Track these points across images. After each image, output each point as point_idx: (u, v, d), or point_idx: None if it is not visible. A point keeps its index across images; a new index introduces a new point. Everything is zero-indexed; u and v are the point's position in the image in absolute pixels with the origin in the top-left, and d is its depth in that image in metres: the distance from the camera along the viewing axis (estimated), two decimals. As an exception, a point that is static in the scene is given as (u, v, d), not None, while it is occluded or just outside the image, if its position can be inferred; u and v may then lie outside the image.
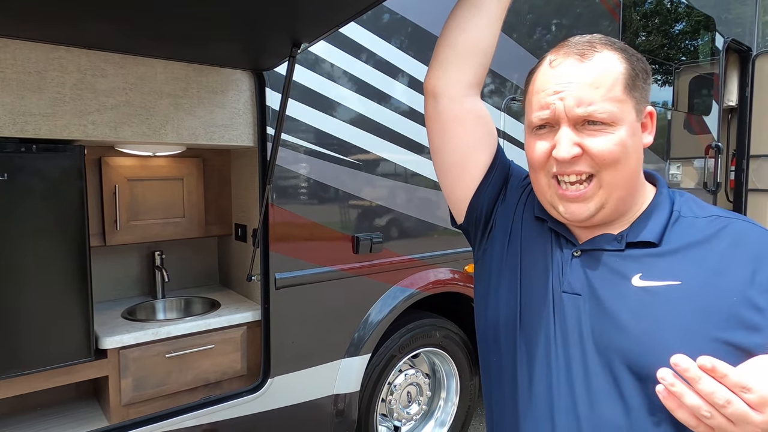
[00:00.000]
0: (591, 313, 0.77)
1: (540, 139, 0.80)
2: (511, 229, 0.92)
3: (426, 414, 2.80)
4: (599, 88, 0.74)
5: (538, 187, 0.83)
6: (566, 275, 0.81)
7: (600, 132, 0.74)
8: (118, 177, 2.14)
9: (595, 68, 0.75)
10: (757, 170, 4.51)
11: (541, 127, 0.79)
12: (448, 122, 0.94)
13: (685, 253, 0.75)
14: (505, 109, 2.75)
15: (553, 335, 0.80)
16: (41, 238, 1.61)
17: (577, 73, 0.75)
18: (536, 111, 0.79)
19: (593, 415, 0.75)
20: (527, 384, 0.82)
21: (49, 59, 1.53)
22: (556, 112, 0.76)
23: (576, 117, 0.74)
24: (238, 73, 1.89)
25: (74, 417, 1.95)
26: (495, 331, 0.89)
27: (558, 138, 0.76)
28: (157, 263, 2.35)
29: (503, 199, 0.95)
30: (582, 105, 0.74)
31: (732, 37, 4.36)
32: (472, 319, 2.92)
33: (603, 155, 0.74)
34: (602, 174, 0.76)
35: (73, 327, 1.71)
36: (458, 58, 0.93)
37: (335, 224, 2.21)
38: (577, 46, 0.77)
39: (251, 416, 2.03)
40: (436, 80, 0.94)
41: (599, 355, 0.75)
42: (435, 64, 0.95)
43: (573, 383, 0.77)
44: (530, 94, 0.82)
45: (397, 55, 2.32)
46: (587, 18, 3.17)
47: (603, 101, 0.74)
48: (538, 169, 0.81)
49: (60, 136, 1.57)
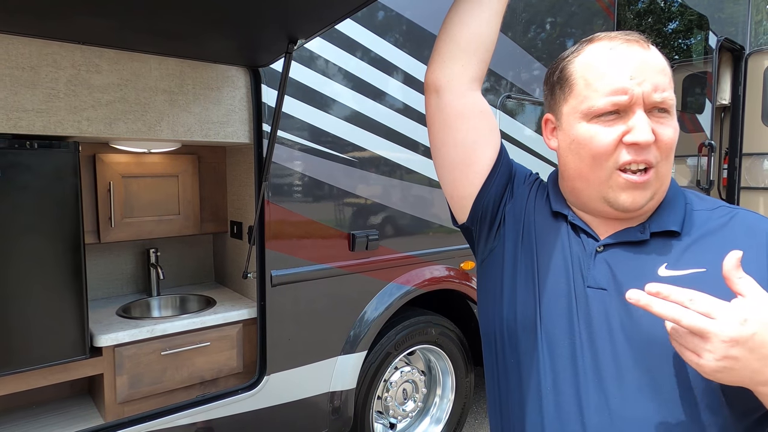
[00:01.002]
0: (619, 308, 0.76)
1: (607, 125, 0.75)
2: (522, 226, 0.90)
3: (422, 411, 2.81)
4: (666, 75, 0.75)
5: (594, 179, 0.78)
6: (590, 270, 0.80)
7: (666, 120, 0.75)
8: (113, 174, 2.13)
9: (659, 57, 0.75)
10: (750, 168, 4.55)
11: (607, 114, 0.75)
12: (451, 117, 0.93)
13: (704, 242, 0.76)
14: (500, 106, 2.76)
15: (577, 332, 0.78)
16: (35, 235, 1.60)
17: (648, 58, 0.75)
18: (607, 96, 0.74)
19: (627, 411, 0.73)
20: (551, 383, 0.80)
21: (43, 54, 1.52)
22: (634, 96, 0.73)
23: (652, 103, 0.73)
24: (233, 69, 1.89)
25: (69, 415, 1.95)
26: (512, 330, 0.86)
27: (635, 123, 0.73)
28: (152, 260, 2.34)
29: (510, 196, 0.94)
30: (658, 90, 0.73)
31: (725, 36, 4.39)
32: (468, 316, 2.92)
33: (670, 143, 0.75)
34: (660, 164, 0.75)
35: (67, 325, 1.70)
36: (461, 52, 0.92)
37: (331, 221, 2.21)
38: (630, 34, 0.77)
39: (247, 414, 2.03)
40: (439, 74, 0.93)
41: (632, 348, 0.74)
42: (437, 59, 0.94)
43: (603, 380, 0.75)
44: (584, 80, 0.77)
45: (392, 52, 2.32)
46: (582, 16, 3.18)
47: (670, 89, 0.75)
48: (601, 159, 0.76)
49: (54, 132, 1.56)
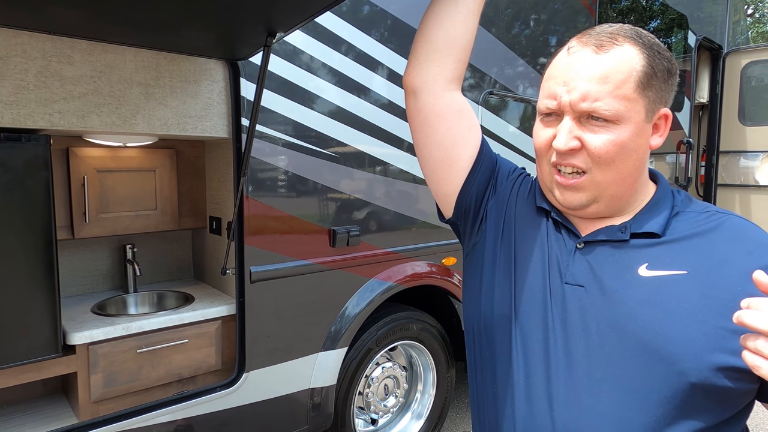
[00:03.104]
0: (597, 305, 0.76)
1: (546, 126, 0.80)
2: (503, 221, 0.91)
3: (403, 406, 2.81)
4: (608, 83, 0.72)
5: (540, 173, 0.84)
6: (569, 267, 0.80)
7: (602, 129, 0.74)
8: (87, 168, 2.07)
9: (608, 62, 0.73)
10: (726, 166, 4.64)
11: (548, 114, 0.79)
12: (430, 118, 0.93)
13: (688, 244, 0.75)
14: (482, 102, 2.76)
15: (551, 328, 0.79)
16: (4, 230, 1.56)
17: (590, 65, 0.74)
18: (544, 99, 0.79)
19: (598, 406, 0.74)
20: (524, 377, 0.81)
21: (11, 45, 1.47)
22: (561, 104, 0.76)
23: (580, 111, 0.74)
24: (211, 62, 1.85)
25: (42, 414, 1.90)
26: (488, 325, 0.87)
27: (559, 129, 0.76)
28: (129, 256, 2.30)
29: (493, 191, 0.95)
30: (587, 100, 0.73)
31: (704, 35, 4.45)
32: (449, 312, 2.93)
33: (599, 152, 0.74)
34: (594, 171, 0.76)
35: (39, 322, 1.65)
36: (437, 53, 0.92)
37: (312, 217, 2.19)
38: (599, 35, 0.76)
39: (226, 411, 2.01)
40: (416, 76, 0.94)
41: (605, 346, 0.74)
42: (413, 61, 0.94)
43: (574, 375, 0.76)
44: (543, 79, 0.81)
45: (375, 47, 2.30)
46: (565, 14, 3.19)
47: (610, 98, 0.72)
48: (541, 156, 0.82)
49: (24, 125, 1.51)
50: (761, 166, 4.42)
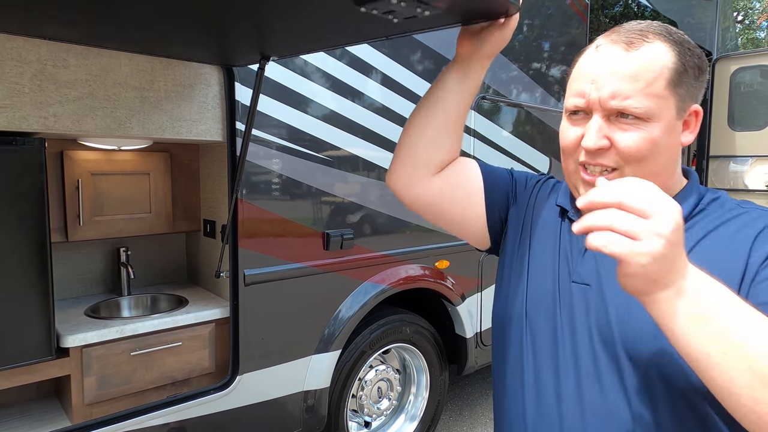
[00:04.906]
0: (598, 304, 0.77)
1: (573, 124, 0.79)
2: (522, 224, 0.94)
3: (396, 409, 2.82)
4: (639, 81, 0.71)
5: (566, 170, 0.83)
6: (577, 266, 0.81)
7: (632, 127, 0.72)
8: (81, 171, 2.08)
9: (639, 59, 0.72)
10: (716, 170, 4.69)
11: (575, 112, 0.78)
12: (428, 205, 0.98)
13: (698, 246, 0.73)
14: (475, 107, 2.78)
15: (560, 325, 0.80)
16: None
17: (620, 63, 0.72)
18: (571, 96, 0.77)
19: (600, 406, 0.74)
20: (533, 375, 0.82)
21: (6, 48, 1.48)
22: (590, 101, 0.74)
23: (610, 109, 0.73)
24: (206, 66, 1.86)
25: (35, 417, 1.90)
26: (503, 324, 0.89)
27: (587, 127, 0.75)
28: (123, 259, 2.30)
29: (514, 201, 0.97)
30: (617, 98, 0.72)
31: (694, 41, 4.51)
32: (442, 315, 2.95)
33: (630, 151, 0.72)
34: (625, 169, 0.74)
35: (32, 325, 1.65)
36: (416, 159, 0.96)
37: (306, 220, 2.20)
38: (628, 33, 0.75)
39: (220, 413, 2.01)
40: (395, 181, 0.98)
41: (605, 346, 0.75)
42: (398, 164, 0.98)
43: (581, 374, 0.76)
44: (571, 77, 0.79)
45: (370, 53, 2.32)
46: (558, 19, 3.23)
47: (641, 95, 0.71)
48: (568, 154, 0.80)
49: (19, 128, 1.52)
50: (750, 170, 4.47)
